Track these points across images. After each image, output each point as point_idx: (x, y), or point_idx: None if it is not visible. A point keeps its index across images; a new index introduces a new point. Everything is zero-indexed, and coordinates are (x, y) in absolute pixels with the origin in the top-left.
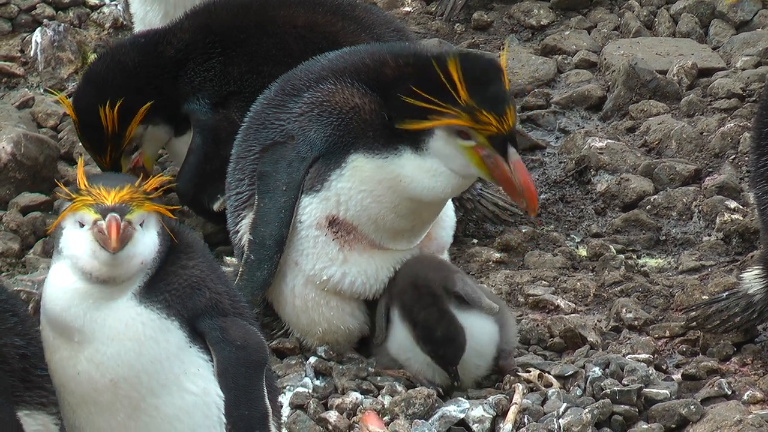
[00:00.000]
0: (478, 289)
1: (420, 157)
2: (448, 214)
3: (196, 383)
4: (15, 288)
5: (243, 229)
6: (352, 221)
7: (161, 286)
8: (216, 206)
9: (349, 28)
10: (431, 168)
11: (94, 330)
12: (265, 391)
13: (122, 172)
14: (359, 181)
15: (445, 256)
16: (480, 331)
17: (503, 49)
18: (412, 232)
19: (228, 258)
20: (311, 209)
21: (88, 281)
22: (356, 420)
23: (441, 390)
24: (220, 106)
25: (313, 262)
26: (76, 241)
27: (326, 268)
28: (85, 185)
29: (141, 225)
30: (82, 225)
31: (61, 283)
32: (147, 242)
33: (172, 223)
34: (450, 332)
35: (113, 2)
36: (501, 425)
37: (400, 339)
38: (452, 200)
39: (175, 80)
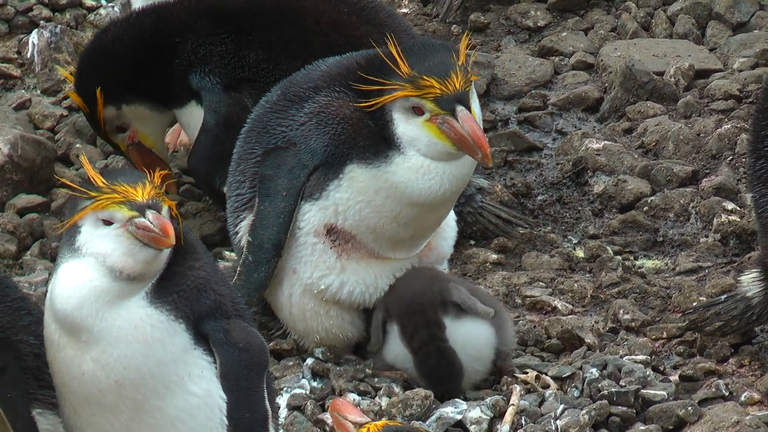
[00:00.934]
0: (474, 294)
1: (404, 157)
2: (450, 225)
3: (200, 385)
4: None
5: (242, 231)
6: (350, 230)
7: (169, 286)
8: (226, 189)
9: (373, 34)
10: (417, 165)
11: (102, 329)
12: (266, 393)
13: (120, 149)
14: (357, 191)
15: (445, 266)
16: (477, 336)
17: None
18: (412, 241)
19: (227, 252)
20: (309, 216)
21: (114, 279)
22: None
23: None
24: (232, 89)
25: (311, 271)
26: (105, 239)
27: (324, 277)
28: (104, 182)
29: None
30: (108, 223)
31: (76, 282)
32: None
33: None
34: (448, 371)
35: (110, 4)
36: (498, 427)
37: (397, 351)
38: (453, 212)
39: (170, 55)
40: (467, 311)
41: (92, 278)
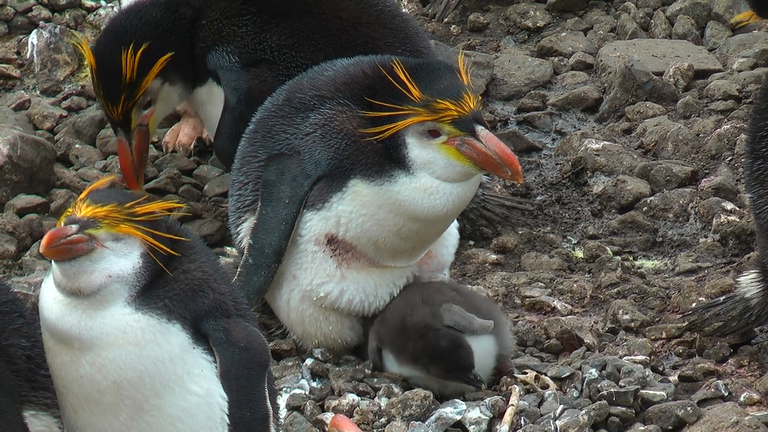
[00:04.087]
0: (470, 300)
1: (413, 177)
2: (451, 232)
3: (200, 384)
4: None
5: (243, 232)
6: (351, 241)
7: (161, 293)
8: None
9: (389, 38)
10: (425, 186)
11: (93, 337)
12: (267, 392)
13: (131, 126)
14: (360, 205)
15: (446, 273)
16: (477, 348)
17: (461, 52)
18: (413, 252)
19: (229, 248)
20: (311, 225)
21: (65, 294)
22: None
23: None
24: (251, 66)
25: (311, 277)
26: None
27: (324, 285)
28: (80, 198)
29: (117, 242)
30: None
31: (51, 295)
32: (117, 259)
33: (174, 227)
34: (456, 355)
35: (109, 4)
36: (498, 427)
37: (396, 370)
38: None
39: (194, 36)
40: (464, 332)
41: (57, 294)
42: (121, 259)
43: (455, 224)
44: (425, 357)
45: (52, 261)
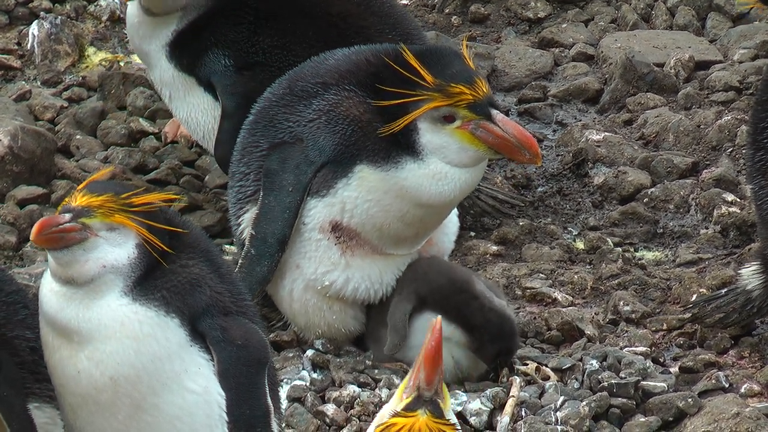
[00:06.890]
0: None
1: (422, 163)
2: (452, 220)
3: (198, 382)
4: None
5: (245, 223)
6: (355, 228)
7: (158, 284)
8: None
9: (379, 25)
10: (435, 172)
11: (91, 330)
12: (267, 388)
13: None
14: (366, 190)
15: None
16: None
17: (463, 43)
18: (415, 239)
19: (227, 246)
20: (315, 213)
21: (60, 282)
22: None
23: None
24: (244, 69)
25: (315, 266)
26: None
27: (328, 273)
28: (78, 188)
29: (112, 232)
30: None
31: (49, 287)
32: (112, 249)
33: (174, 219)
34: (510, 328)
35: None
36: (498, 418)
37: (412, 343)
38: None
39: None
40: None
41: (54, 283)
42: (116, 249)
43: (455, 212)
44: (484, 334)
45: (47, 250)
